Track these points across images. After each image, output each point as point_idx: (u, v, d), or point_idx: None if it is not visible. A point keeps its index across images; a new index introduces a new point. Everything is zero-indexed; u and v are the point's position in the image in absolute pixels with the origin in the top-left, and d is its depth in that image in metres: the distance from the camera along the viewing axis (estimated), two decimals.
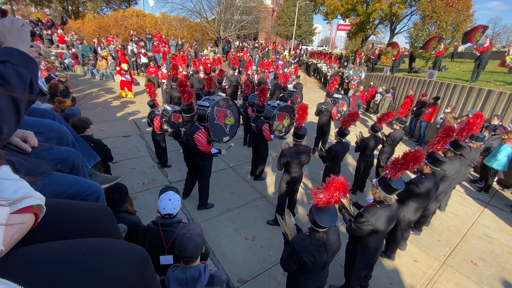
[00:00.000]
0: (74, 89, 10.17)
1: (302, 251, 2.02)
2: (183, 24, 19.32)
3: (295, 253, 2.05)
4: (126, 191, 2.37)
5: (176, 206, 2.13)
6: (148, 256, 0.88)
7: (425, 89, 9.22)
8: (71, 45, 14.80)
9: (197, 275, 1.61)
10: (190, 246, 1.60)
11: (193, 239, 1.62)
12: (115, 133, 7.08)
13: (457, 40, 12.50)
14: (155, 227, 2.13)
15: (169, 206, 2.10)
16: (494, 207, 5.35)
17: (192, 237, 1.62)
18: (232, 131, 5.49)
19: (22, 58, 0.86)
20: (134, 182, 4.90)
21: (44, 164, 1.07)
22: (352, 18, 21.03)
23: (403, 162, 2.46)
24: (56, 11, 23.21)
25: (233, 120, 5.41)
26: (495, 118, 6.31)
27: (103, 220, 0.97)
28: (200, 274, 1.63)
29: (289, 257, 2.11)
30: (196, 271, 1.63)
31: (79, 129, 3.14)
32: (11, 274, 0.60)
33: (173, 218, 2.15)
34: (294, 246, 2.05)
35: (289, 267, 2.15)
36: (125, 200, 2.37)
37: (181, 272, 1.62)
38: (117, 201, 2.27)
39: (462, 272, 3.62)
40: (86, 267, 0.70)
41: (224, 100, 5.21)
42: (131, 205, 2.52)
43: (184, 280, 1.59)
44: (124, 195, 2.32)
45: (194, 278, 1.60)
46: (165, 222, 2.11)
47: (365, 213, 2.53)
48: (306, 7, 33.56)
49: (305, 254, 2.02)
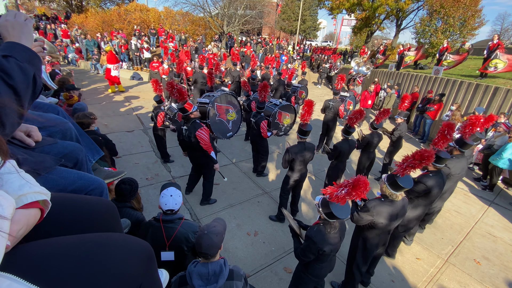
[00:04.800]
0: (78, 83, 10.21)
1: (321, 242, 2.13)
2: (186, 19, 19.19)
3: (314, 245, 2.15)
4: (136, 186, 2.39)
5: (178, 202, 2.14)
6: (152, 251, 0.88)
7: (430, 86, 9.09)
8: (75, 40, 14.82)
9: (218, 270, 1.65)
10: (205, 244, 1.62)
11: (209, 237, 1.64)
12: (118, 128, 7.12)
13: (464, 35, 12.28)
14: (157, 223, 2.14)
15: (171, 202, 2.10)
16: (498, 205, 5.30)
17: (208, 235, 1.65)
18: (235, 127, 5.48)
19: (25, 53, 0.85)
20: (137, 177, 4.93)
21: (48, 159, 1.07)
22: (358, 13, 20.76)
23: (412, 160, 2.45)
24: (60, 5, 23.18)
25: (235, 115, 5.38)
26: (502, 115, 6.21)
27: (106, 215, 0.98)
28: (221, 268, 1.66)
29: (307, 250, 2.21)
30: (218, 266, 1.66)
31: (84, 124, 3.16)
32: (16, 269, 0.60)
33: (175, 214, 2.16)
34: (313, 239, 2.14)
35: (307, 258, 2.25)
36: (134, 194, 2.38)
37: (203, 267, 1.65)
38: (126, 193, 2.29)
39: (465, 271, 3.61)
40: (91, 262, 0.70)
41: (224, 95, 5.18)
42: (138, 202, 2.53)
43: (206, 274, 1.62)
44: (134, 188, 2.35)
45: (216, 272, 1.64)
46: (166, 219, 2.13)
47: (368, 204, 2.61)
48: (311, 2, 33.10)
49: (324, 244, 2.13)
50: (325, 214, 2.09)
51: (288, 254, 3.59)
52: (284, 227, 4.09)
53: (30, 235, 0.70)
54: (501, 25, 39.15)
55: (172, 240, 2.08)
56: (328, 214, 2.07)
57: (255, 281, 3.16)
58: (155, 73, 10.14)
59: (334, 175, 4.54)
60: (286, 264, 3.42)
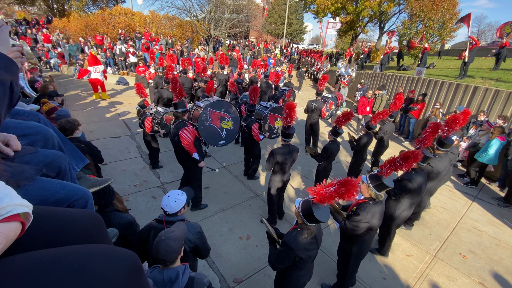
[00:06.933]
0: (61, 89, 9.91)
1: (298, 248, 2.04)
2: (173, 22, 19.05)
3: (290, 251, 2.05)
4: (108, 190, 2.24)
5: (175, 203, 2.11)
6: (138, 261, 0.85)
7: (414, 86, 9.38)
8: (57, 45, 14.41)
9: (174, 277, 1.58)
10: (162, 250, 1.57)
11: (166, 243, 1.58)
12: (104, 134, 6.94)
13: (444, 37, 12.76)
14: (159, 224, 2.11)
15: (165, 201, 2.10)
16: (482, 200, 5.50)
17: (166, 241, 1.59)
18: (230, 136, 5.39)
19: (1, 60, 0.82)
20: (125, 184, 4.81)
21: (28, 169, 1.02)
22: (342, 17, 21.24)
23: (400, 161, 2.48)
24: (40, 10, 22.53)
25: (231, 124, 5.26)
26: (482, 114, 6.47)
27: (91, 227, 0.93)
28: (177, 275, 1.59)
29: (283, 256, 2.11)
30: (174, 273, 1.59)
31: (68, 130, 3.05)
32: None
33: (177, 216, 2.14)
34: (290, 245, 2.05)
35: (282, 266, 2.15)
36: (110, 198, 2.26)
37: (159, 274, 1.59)
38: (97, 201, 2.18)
39: (453, 265, 3.71)
40: (74, 276, 0.67)
41: (221, 103, 5.09)
42: (120, 202, 2.44)
43: (161, 281, 1.57)
44: (104, 194, 2.19)
45: (171, 279, 1.57)
46: (169, 220, 2.10)
47: (360, 211, 2.53)
48: (296, 6, 33.64)
49: (301, 251, 2.05)
50: (305, 217, 2.00)
51: None
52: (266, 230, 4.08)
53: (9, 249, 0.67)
54: (478, 27, 41.08)
55: None
56: (308, 217, 1.97)
57: (249, 285, 3.13)
58: (141, 78, 9.99)
59: (323, 177, 4.58)
60: None
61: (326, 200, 1.88)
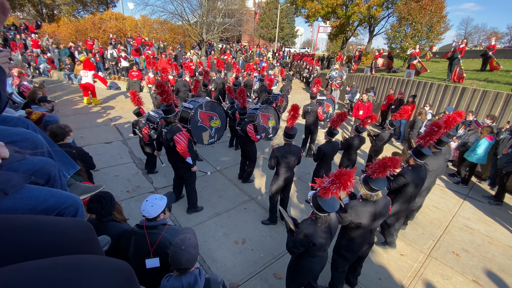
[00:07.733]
0: (51, 95, 9.73)
1: (311, 234, 2.24)
2: (165, 27, 18.99)
3: (305, 237, 2.25)
4: (109, 199, 2.22)
5: (154, 207, 2.07)
6: (131, 271, 0.82)
7: (403, 88, 9.55)
8: (47, 50, 14.19)
9: (193, 281, 1.58)
10: (184, 259, 1.56)
11: (188, 251, 1.57)
12: (96, 140, 6.83)
13: (432, 40, 13.06)
14: (140, 230, 2.08)
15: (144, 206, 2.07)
16: (473, 199, 5.60)
17: (187, 249, 1.58)
18: (219, 134, 5.44)
19: None
20: (117, 190, 4.73)
21: (16, 177, 0.99)
22: (333, 21, 21.52)
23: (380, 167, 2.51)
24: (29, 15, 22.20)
25: (219, 122, 5.35)
26: (470, 114, 6.63)
27: (82, 237, 0.90)
28: (196, 279, 1.60)
29: (298, 241, 2.30)
30: (192, 277, 1.59)
31: (58, 136, 2.99)
32: None
33: (157, 221, 2.10)
34: (304, 231, 2.26)
35: (297, 250, 2.35)
36: (110, 208, 2.22)
37: (177, 281, 1.58)
38: (99, 211, 2.15)
39: (446, 264, 3.75)
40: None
41: (209, 103, 5.15)
42: (119, 213, 2.40)
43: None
44: (106, 204, 2.17)
45: (190, 284, 1.57)
46: (149, 225, 2.07)
47: (347, 207, 2.68)
48: (287, 10, 34.01)
49: (314, 237, 2.24)
50: (314, 207, 2.22)
51: (277, 260, 3.56)
52: (272, 232, 4.07)
53: None
54: (465, 29, 42.26)
55: (156, 246, 2.02)
56: (317, 207, 2.18)
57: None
58: (134, 82, 9.91)
59: (319, 177, 4.62)
60: (276, 270, 3.39)
61: (327, 192, 2.06)
